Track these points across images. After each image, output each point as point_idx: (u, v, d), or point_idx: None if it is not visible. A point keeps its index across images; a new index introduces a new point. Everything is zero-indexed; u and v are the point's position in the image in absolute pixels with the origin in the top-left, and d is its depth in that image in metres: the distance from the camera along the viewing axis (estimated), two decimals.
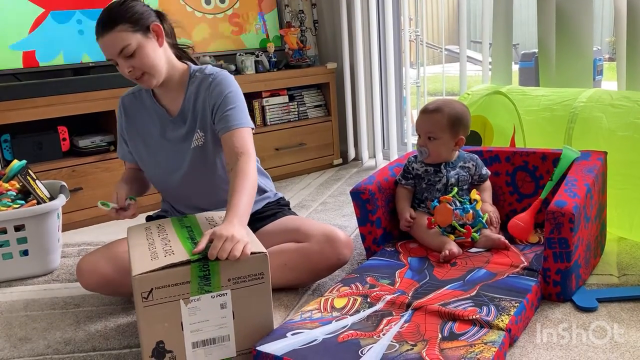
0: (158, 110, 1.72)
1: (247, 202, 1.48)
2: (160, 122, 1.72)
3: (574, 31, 2.32)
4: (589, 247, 1.67)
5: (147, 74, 1.59)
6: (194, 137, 1.69)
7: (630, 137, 1.86)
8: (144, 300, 1.23)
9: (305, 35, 3.46)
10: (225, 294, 1.29)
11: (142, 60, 1.57)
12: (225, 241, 1.28)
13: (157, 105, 1.72)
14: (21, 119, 2.44)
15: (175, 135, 1.71)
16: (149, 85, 1.62)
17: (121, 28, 1.54)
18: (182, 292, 1.26)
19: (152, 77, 1.60)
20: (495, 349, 1.23)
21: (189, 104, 1.69)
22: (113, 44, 1.54)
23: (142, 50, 1.56)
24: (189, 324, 1.28)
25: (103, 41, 1.55)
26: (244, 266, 1.30)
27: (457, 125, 1.85)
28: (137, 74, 1.58)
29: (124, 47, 1.54)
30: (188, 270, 1.25)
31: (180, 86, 1.70)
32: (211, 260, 1.27)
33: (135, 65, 1.56)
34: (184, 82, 1.70)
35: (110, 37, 1.53)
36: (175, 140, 1.71)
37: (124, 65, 1.56)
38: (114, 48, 1.54)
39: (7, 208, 1.98)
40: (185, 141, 1.70)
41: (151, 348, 1.26)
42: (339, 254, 1.67)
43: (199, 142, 1.69)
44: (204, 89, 1.68)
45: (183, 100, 1.69)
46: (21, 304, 1.84)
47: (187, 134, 1.70)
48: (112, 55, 1.56)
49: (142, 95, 1.75)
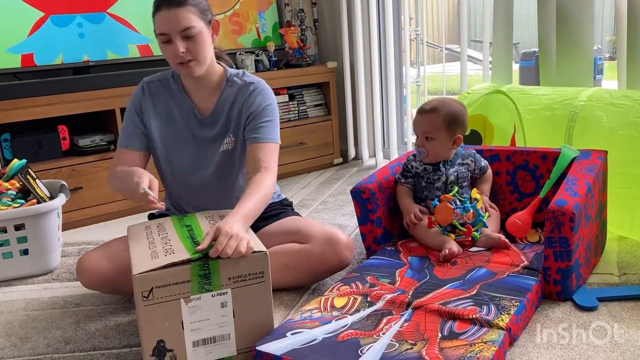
0: (187, 105, 1.71)
1: (255, 207, 1.50)
2: (188, 117, 1.71)
3: (575, 30, 2.32)
4: (589, 246, 1.67)
5: (194, 61, 1.59)
6: (225, 141, 1.70)
7: (631, 136, 1.86)
8: (145, 299, 1.23)
9: (306, 34, 3.46)
10: (226, 292, 1.29)
11: (198, 46, 1.57)
12: (230, 238, 1.28)
13: (186, 99, 1.71)
14: (21, 118, 2.43)
15: (203, 135, 1.71)
16: (192, 73, 1.61)
17: (190, 9, 1.55)
18: (183, 291, 1.26)
19: (198, 66, 1.60)
20: (495, 348, 1.23)
21: (223, 106, 1.70)
22: (178, 20, 1.53)
23: (201, 37, 1.58)
24: (189, 322, 1.28)
25: (168, 14, 1.53)
26: (244, 265, 1.30)
27: (454, 124, 1.84)
28: (186, 58, 1.57)
29: (189, 27, 1.54)
30: (188, 269, 1.25)
31: (216, 87, 1.71)
32: (212, 258, 1.27)
33: (190, 49, 1.56)
34: (219, 84, 1.71)
35: (178, 12, 1.53)
36: (203, 140, 1.71)
37: (179, 44, 1.54)
38: (178, 24, 1.53)
39: (7, 207, 1.98)
40: (213, 143, 1.71)
41: (152, 347, 1.26)
42: (340, 256, 1.67)
43: (229, 146, 1.71)
44: (242, 96, 1.69)
45: (217, 101, 1.70)
46: (21, 303, 1.84)
47: (217, 136, 1.71)
48: (173, 30, 1.54)
49: (170, 85, 1.73)
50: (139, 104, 1.72)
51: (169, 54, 1.59)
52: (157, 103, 1.72)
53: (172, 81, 1.73)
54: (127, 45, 2.84)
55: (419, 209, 1.85)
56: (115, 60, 2.81)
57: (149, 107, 1.72)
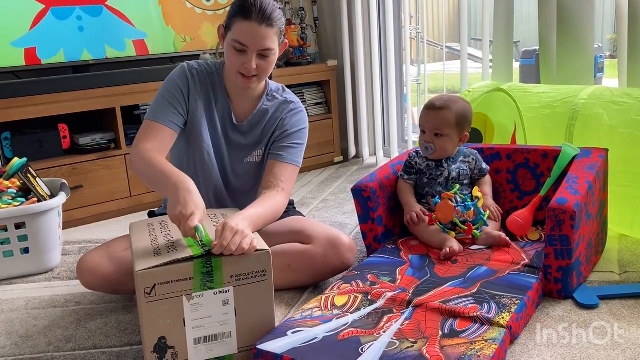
0: (227, 106, 1.71)
1: (263, 215, 1.51)
2: (225, 118, 1.71)
3: (575, 28, 2.32)
4: (590, 244, 1.67)
5: (256, 78, 1.60)
6: (254, 153, 1.74)
7: (632, 134, 1.86)
8: (147, 295, 1.23)
9: (306, 32, 3.46)
10: (228, 290, 1.29)
11: (268, 66, 1.60)
12: (235, 234, 1.28)
13: (227, 99, 1.71)
14: (21, 117, 2.43)
15: (236, 141, 1.73)
16: (250, 86, 1.62)
17: (276, 31, 1.57)
18: (185, 289, 1.26)
19: (257, 82, 1.62)
20: (495, 347, 1.23)
21: (259, 118, 1.72)
22: (264, 39, 1.54)
23: (273, 59, 1.60)
24: (191, 320, 1.28)
25: (257, 29, 1.53)
26: (246, 263, 1.30)
27: (464, 122, 1.85)
28: (253, 73, 1.58)
29: (270, 48, 1.56)
30: (191, 267, 1.25)
31: (257, 97, 1.72)
32: (215, 256, 1.27)
33: (261, 67, 1.58)
34: (260, 95, 1.73)
35: (267, 32, 1.54)
36: (234, 144, 1.73)
37: (253, 60, 1.55)
38: (263, 42, 1.54)
39: (8, 206, 1.98)
40: (243, 150, 1.73)
41: (153, 344, 1.26)
42: (342, 258, 1.67)
43: (257, 158, 1.74)
44: (281, 112, 1.72)
45: (255, 111, 1.71)
46: (22, 301, 1.84)
47: (249, 145, 1.73)
48: (254, 46, 1.54)
49: (215, 80, 1.71)
50: (187, 83, 1.66)
51: (236, 62, 1.57)
52: (202, 91, 1.69)
53: (216, 76, 1.71)
54: (124, 40, 2.84)
55: (421, 209, 1.85)
56: (115, 59, 2.81)
57: (195, 90, 1.67)
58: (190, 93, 1.67)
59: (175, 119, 1.63)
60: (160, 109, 1.62)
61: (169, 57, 2.94)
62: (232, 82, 1.67)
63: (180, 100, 1.64)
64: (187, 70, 1.68)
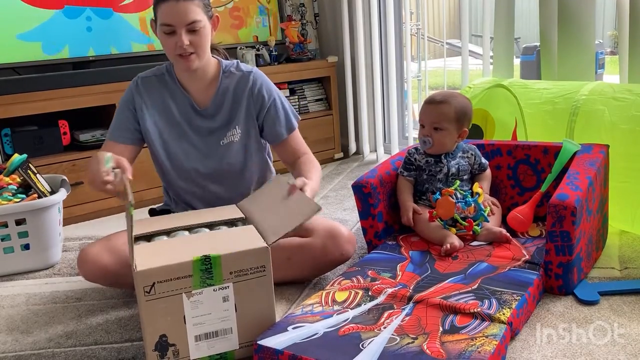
0: (184, 98, 1.72)
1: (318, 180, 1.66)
2: (186, 109, 1.72)
3: (576, 24, 2.31)
4: (590, 240, 1.66)
5: (194, 55, 1.61)
6: (229, 133, 1.73)
7: (633, 130, 1.86)
8: (146, 294, 1.23)
9: (306, 28, 3.45)
10: (228, 287, 1.29)
11: (201, 40, 1.60)
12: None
13: (183, 92, 1.72)
14: (21, 113, 2.43)
15: (204, 126, 1.73)
16: (191, 66, 1.63)
17: (197, 3, 1.58)
18: (185, 286, 1.26)
19: (197, 59, 1.63)
20: (496, 342, 1.23)
21: (223, 97, 1.72)
22: (187, 13, 1.56)
23: (205, 31, 1.61)
24: (191, 317, 1.28)
25: (176, 6, 1.55)
26: (245, 259, 1.30)
27: (463, 117, 1.85)
28: (188, 51, 1.59)
29: (196, 20, 1.57)
30: (190, 264, 1.25)
31: (212, 78, 1.73)
32: (213, 253, 1.27)
33: (194, 42, 1.59)
34: (215, 75, 1.73)
35: (187, 5, 1.56)
36: (203, 131, 1.73)
37: (184, 37, 1.57)
38: (186, 16, 1.56)
39: (8, 202, 1.98)
40: (215, 133, 1.73)
41: (154, 342, 1.26)
42: (341, 249, 1.68)
43: (234, 137, 1.74)
44: (245, 85, 1.73)
45: (216, 92, 1.72)
46: (23, 298, 1.84)
47: (220, 127, 1.73)
48: (179, 22, 1.56)
49: (165, 79, 1.74)
50: (132, 99, 1.73)
51: (170, 45, 1.60)
52: (153, 98, 1.73)
53: (167, 75, 1.74)
54: (131, 43, 2.84)
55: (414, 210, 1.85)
56: (115, 55, 2.81)
57: (144, 102, 1.72)
58: (137, 107, 1.73)
59: (128, 133, 1.72)
60: (114, 127, 1.75)
61: None
62: (179, 69, 1.70)
63: (129, 116, 1.73)
64: (134, 84, 1.75)
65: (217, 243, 1.35)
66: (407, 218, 1.84)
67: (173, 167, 1.76)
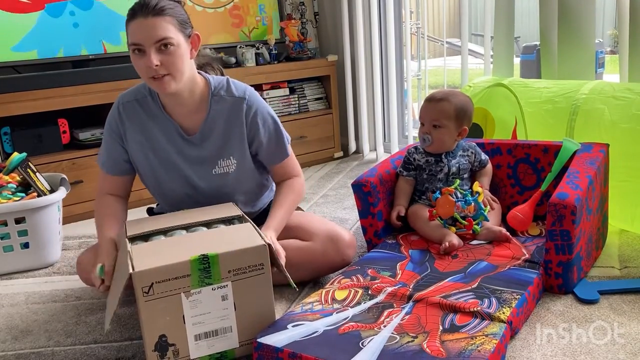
0: (169, 124, 1.61)
1: (285, 214, 1.61)
2: (173, 137, 1.61)
3: (576, 23, 2.31)
4: (590, 239, 1.66)
5: (169, 77, 1.47)
6: (223, 164, 1.63)
7: (633, 129, 1.86)
8: (145, 294, 1.23)
9: (306, 27, 3.45)
10: (226, 285, 1.29)
11: (174, 60, 1.45)
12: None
13: (168, 118, 1.60)
14: (21, 112, 2.43)
15: (193, 155, 1.62)
16: (165, 89, 1.49)
17: (170, 20, 1.45)
18: (183, 286, 1.26)
19: (173, 82, 1.48)
20: (496, 341, 1.23)
21: (213, 124, 1.60)
22: (155, 29, 1.42)
23: (179, 50, 1.46)
24: (190, 317, 1.28)
25: (144, 22, 1.42)
26: (243, 257, 1.30)
27: (463, 115, 1.85)
28: (160, 72, 1.45)
29: (166, 37, 1.43)
30: (188, 264, 1.25)
31: (199, 103, 1.60)
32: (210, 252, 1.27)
33: (165, 62, 1.45)
34: (203, 99, 1.60)
35: (156, 22, 1.42)
36: (194, 160, 1.63)
37: (153, 56, 1.43)
38: (155, 33, 1.42)
39: (8, 200, 1.98)
40: (206, 162, 1.63)
41: (154, 342, 1.26)
42: (342, 254, 1.67)
43: (229, 168, 1.64)
44: (237, 114, 1.60)
45: (205, 120, 1.60)
46: (22, 296, 1.84)
47: (211, 157, 1.62)
48: (147, 40, 1.42)
49: (148, 104, 1.61)
50: (117, 127, 1.63)
51: (141, 67, 1.46)
52: (136, 126, 1.61)
53: (151, 99, 1.61)
54: (120, 33, 2.83)
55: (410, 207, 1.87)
56: (114, 54, 2.80)
57: (127, 131, 1.62)
58: (122, 136, 1.63)
59: (120, 167, 1.66)
60: (106, 157, 1.66)
61: None
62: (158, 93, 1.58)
63: (117, 147, 1.65)
64: (116, 112, 1.63)
65: (215, 242, 1.34)
66: (391, 219, 1.86)
67: (163, 195, 1.70)
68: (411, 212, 1.87)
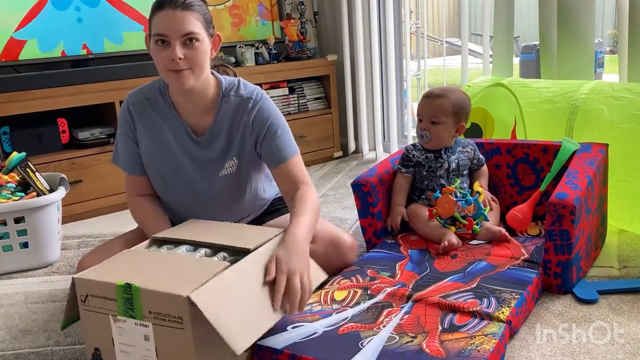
0: (179, 124, 1.60)
1: (308, 224, 1.44)
2: (182, 138, 1.60)
3: (576, 23, 2.31)
4: (589, 239, 1.66)
5: (189, 71, 1.47)
6: (227, 165, 1.61)
7: (632, 129, 1.86)
8: (82, 303, 1.19)
9: (306, 27, 3.44)
10: (148, 325, 1.14)
11: (197, 55, 1.47)
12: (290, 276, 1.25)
13: (177, 117, 1.59)
14: (20, 111, 2.43)
15: (201, 157, 1.61)
16: (184, 83, 1.48)
17: (197, 17, 1.46)
18: (111, 308, 1.17)
19: (192, 77, 1.48)
20: (495, 341, 1.23)
21: (221, 126, 1.59)
22: (183, 23, 1.43)
23: (202, 47, 1.48)
24: (118, 342, 1.18)
25: (173, 14, 1.43)
26: (162, 302, 1.11)
27: (461, 111, 1.86)
28: (182, 66, 1.45)
29: (193, 32, 1.45)
30: (114, 287, 1.15)
31: (210, 103, 1.59)
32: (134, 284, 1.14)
33: (188, 57, 1.45)
34: (214, 100, 1.59)
35: (184, 16, 1.43)
36: (202, 161, 1.61)
37: (178, 49, 1.43)
38: (182, 26, 1.43)
39: (7, 200, 1.98)
40: (214, 164, 1.61)
41: (91, 352, 1.22)
42: (344, 258, 1.66)
43: (232, 169, 1.62)
44: (242, 114, 1.58)
45: (214, 121, 1.59)
46: (21, 296, 1.84)
47: (218, 158, 1.61)
48: (175, 33, 1.43)
49: (159, 102, 1.60)
50: (129, 126, 1.63)
51: (162, 58, 1.46)
52: (146, 125, 1.61)
53: (161, 98, 1.61)
54: (122, 32, 2.83)
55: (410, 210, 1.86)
56: (114, 53, 2.80)
57: (137, 128, 1.62)
58: (134, 133, 1.63)
59: (139, 166, 1.65)
60: (126, 160, 1.65)
61: None
62: (172, 88, 1.57)
63: (133, 147, 1.64)
64: (126, 111, 1.63)
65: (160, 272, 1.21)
66: (395, 223, 1.84)
67: (169, 196, 1.68)
68: (410, 211, 1.87)
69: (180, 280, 1.15)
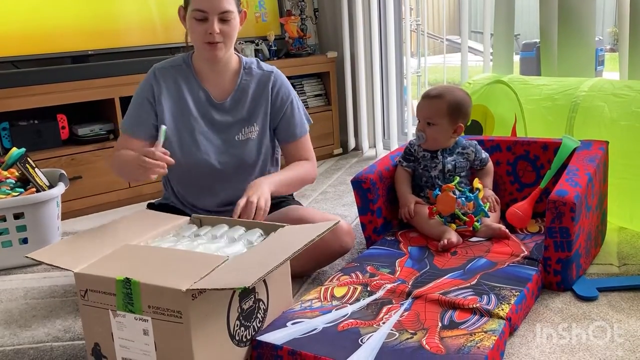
0: (201, 90, 1.73)
1: (286, 178, 1.71)
2: (202, 102, 1.73)
3: (576, 21, 2.31)
4: (589, 236, 1.67)
5: (222, 44, 1.63)
6: (247, 130, 1.75)
7: (632, 127, 1.86)
8: (82, 298, 1.20)
9: (306, 23, 3.44)
10: (147, 320, 1.15)
11: (231, 31, 1.64)
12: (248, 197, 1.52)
13: (200, 84, 1.73)
14: (20, 107, 2.43)
15: (218, 121, 1.74)
16: (217, 55, 1.64)
17: None
18: (111, 303, 1.18)
19: (224, 49, 1.65)
20: (495, 338, 1.23)
21: (244, 93, 1.74)
22: (221, 2, 1.59)
23: (235, 22, 1.65)
24: (118, 337, 1.20)
25: None
26: (162, 296, 1.13)
27: (457, 112, 1.84)
28: (217, 39, 1.61)
29: (229, 11, 1.61)
30: (114, 282, 1.16)
31: (233, 73, 1.75)
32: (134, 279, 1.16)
33: (223, 31, 1.62)
34: (236, 71, 1.75)
35: None
36: (220, 125, 1.74)
37: (215, 24, 1.59)
38: (221, 5, 1.59)
39: (6, 196, 1.98)
40: (232, 128, 1.74)
41: (90, 347, 1.23)
42: (341, 241, 1.68)
43: (252, 135, 1.75)
44: (265, 85, 1.75)
45: (235, 88, 1.74)
46: (21, 291, 1.84)
47: (238, 122, 1.74)
48: (214, 10, 1.59)
49: (183, 70, 1.74)
50: (151, 89, 1.72)
51: (200, 31, 1.61)
52: (169, 87, 1.73)
53: (185, 66, 1.75)
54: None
55: (416, 202, 1.85)
56: (114, 49, 2.80)
57: (161, 91, 1.72)
58: (155, 97, 1.72)
59: (146, 129, 1.72)
60: (132, 120, 1.73)
61: (168, 48, 2.92)
62: (202, 58, 1.70)
63: (147, 109, 1.72)
64: (152, 74, 1.75)
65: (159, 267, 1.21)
66: (409, 210, 1.83)
67: (185, 158, 1.72)
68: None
69: (179, 275, 1.15)
